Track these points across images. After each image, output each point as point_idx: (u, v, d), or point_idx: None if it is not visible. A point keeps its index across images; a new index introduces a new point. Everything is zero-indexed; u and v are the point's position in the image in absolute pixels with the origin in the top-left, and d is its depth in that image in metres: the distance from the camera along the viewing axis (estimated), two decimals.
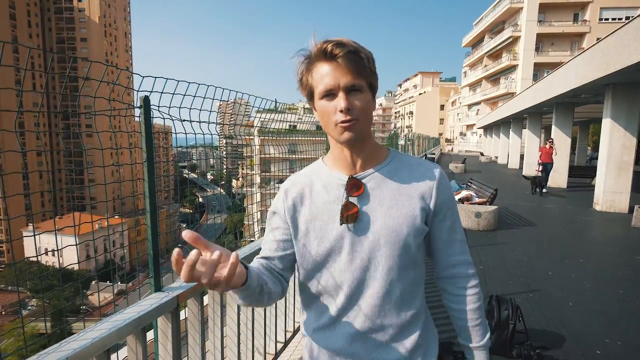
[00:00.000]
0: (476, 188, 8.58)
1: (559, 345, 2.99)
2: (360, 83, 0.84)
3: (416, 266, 0.94)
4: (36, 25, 74.26)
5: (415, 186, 0.93)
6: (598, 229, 7.38)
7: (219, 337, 1.55)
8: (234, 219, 18.33)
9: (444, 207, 0.95)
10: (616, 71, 7.49)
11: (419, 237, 0.92)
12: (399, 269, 0.90)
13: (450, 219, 0.96)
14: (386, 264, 0.89)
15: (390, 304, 0.91)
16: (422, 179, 0.93)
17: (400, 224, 0.89)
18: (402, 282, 0.91)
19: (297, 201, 0.96)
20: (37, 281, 28.00)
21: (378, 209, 0.90)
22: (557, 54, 34.26)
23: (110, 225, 1.26)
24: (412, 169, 0.95)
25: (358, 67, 0.84)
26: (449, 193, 0.96)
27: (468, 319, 0.98)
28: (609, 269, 4.95)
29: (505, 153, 24.82)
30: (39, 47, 10.38)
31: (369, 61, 0.86)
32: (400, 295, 0.91)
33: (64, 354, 0.96)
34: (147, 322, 1.19)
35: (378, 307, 0.90)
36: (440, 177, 0.95)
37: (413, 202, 0.91)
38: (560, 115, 13.36)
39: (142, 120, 1.22)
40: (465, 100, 51.26)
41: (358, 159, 0.92)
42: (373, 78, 0.88)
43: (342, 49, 0.82)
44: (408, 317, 0.93)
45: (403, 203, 0.91)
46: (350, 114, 0.84)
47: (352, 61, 0.83)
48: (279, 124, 2.62)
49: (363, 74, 0.85)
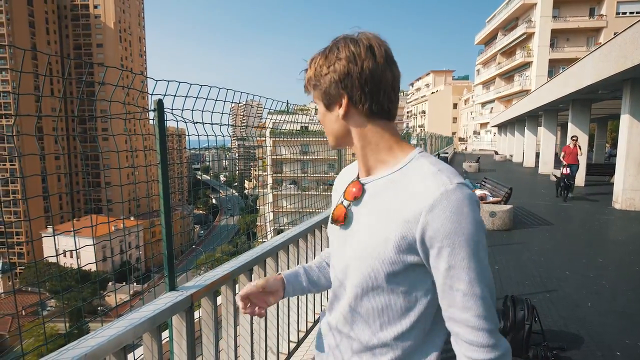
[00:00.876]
0: (490, 187, 8.46)
1: (577, 347, 2.93)
2: (316, 97, 0.87)
3: (392, 294, 0.80)
4: (54, 32, 76.30)
5: (404, 206, 0.76)
6: (617, 228, 7.18)
7: (232, 336, 1.57)
8: (246, 219, 18.49)
9: (437, 242, 0.72)
10: (634, 66, 7.29)
11: (391, 266, 0.77)
12: (365, 289, 0.82)
13: (448, 261, 0.72)
14: (354, 278, 0.83)
15: (359, 319, 0.85)
16: (415, 200, 0.74)
17: (373, 243, 0.79)
18: (370, 303, 0.82)
19: (336, 192, 1.03)
20: (56, 282, 28.74)
21: (364, 219, 0.84)
22: (572, 50, 33.50)
23: (125, 227, 1.29)
24: (414, 182, 0.77)
25: (308, 84, 0.87)
26: (448, 225, 0.71)
27: None
28: (628, 269, 4.82)
29: (521, 151, 24.39)
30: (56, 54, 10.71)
31: (314, 76, 0.85)
32: (368, 315, 0.83)
33: (82, 350, 0.99)
34: (162, 320, 1.21)
35: (347, 315, 0.88)
36: (440, 201, 0.71)
37: (393, 225, 0.76)
38: (576, 112, 13.07)
39: (156, 123, 1.24)
40: (478, 98, 50.56)
41: (366, 163, 0.88)
42: (321, 88, 0.84)
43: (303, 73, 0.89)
44: (381, 341, 0.83)
45: (385, 222, 0.78)
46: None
47: (305, 81, 0.88)
48: (291, 125, 2.63)
49: (314, 87, 0.86)
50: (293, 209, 2.82)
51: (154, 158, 1.32)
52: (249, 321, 1.72)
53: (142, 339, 1.21)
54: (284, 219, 3.16)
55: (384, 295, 0.80)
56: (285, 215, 3.32)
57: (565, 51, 33.96)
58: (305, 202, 3.08)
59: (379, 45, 0.81)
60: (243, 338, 1.70)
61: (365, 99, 0.80)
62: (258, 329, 1.81)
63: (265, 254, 1.84)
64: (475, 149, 46.82)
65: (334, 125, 0.86)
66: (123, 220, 1.33)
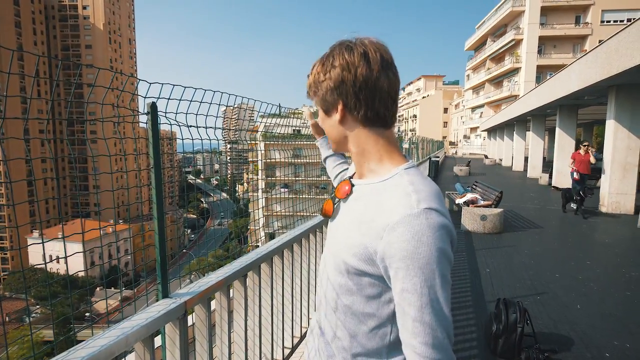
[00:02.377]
0: (481, 191, 8.54)
1: (568, 349, 2.96)
2: (317, 104, 0.89)
3: (356, 299, 0.81)
4: (41, 32, 75.10)
5: (372, 218, 0.76)
6: (604, 231, 7.31)
7: (226, 343, 1.54)
8: (238, 224, 18.35)
9: (394, 262, 0.71)
10: (619, 73, 7.46)
11: (355, 270, 0.79)
12: (336, 287, 0.84)
13: (402, 283, 0.70)
14: (330, 271, 0.88)
15: (334, 314, 0.86)
16: (382, 215, 0.74)
17: (344, 244, 0.81)
18: (342, 301, 0.83)
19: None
20: (41, 288, 28.10)
21: (344, 219, 0.87)
22: (559, 57, 34.22)
23: (115, 231, 1.26)
24: (387, 197, 0.77)
25: (310, 91, 0.89)
26: (407, 249, 0.69)
27: None
28: (616, 271, 4.90)
29: (510, 155, 24.74)
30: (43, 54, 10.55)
31: (317, 82, 0.85)
32: (342, 314, 0.84)
33: None
34: (154, 329, 1.19)
35: (324, 308, 0.91)
36: (401, 223, 0.70)
37: (360, 232, 0.77)
38: (564, 117, 13.32)
39: (150, 127, 1.22)
40: (468, 103, 51.20)
41: (360, 168, 0.90)
42: (319, 95, 0.86)
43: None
44: (348, 342, 0.84)
45: (351, 227, 0.81)
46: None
47: (308, 87, 0.90)
48: (283, 128, 2.62)
49: (312, 97, 0.89)
50: (286, 213, 2.80)
51: (143, 162, 1.30)
52: (243, 328, 1.70)
53: (133, 347, 1.18)
54: (276, 223, 3.14)
55: (350, 295, 0.82)
56: (278, 220, 3.30)
57: (552, 57, 34.67)
58: (298, 206, 3.06)
59: (375, 51, 0.80)
60: (237, 345, 1.68)
61: (360, 105, 0.81)
62: (252, 336, 1.79)
63: (259, 259, 1.82)
64: (466, 152, 47.34)
65: (332, 131, 0.88)
66: (115, 226, 1.30)
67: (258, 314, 1.80)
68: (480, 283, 4.36)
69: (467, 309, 3.67)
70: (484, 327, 3.15)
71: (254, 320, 1.80)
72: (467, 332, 3.29)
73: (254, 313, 1.79)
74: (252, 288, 1.82)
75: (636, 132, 8.71)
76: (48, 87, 66.66)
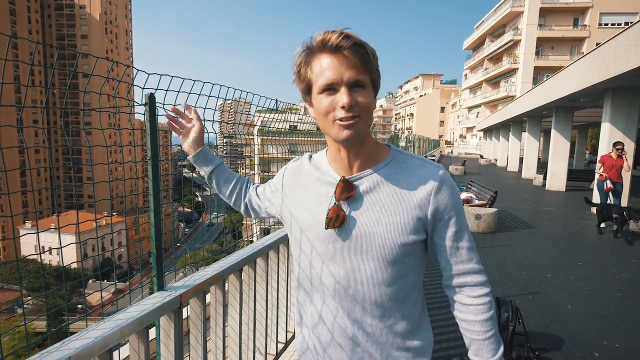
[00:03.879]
0: (476, 190, 8.59)
1: (558, 348, 2.99)
2: (365, 79, 0.80)
3: (407, 275, 0.89)
4: (36, 21, 74.10)
5: (413, 192, 0.85)
6: (596, 232, 7.38)
7: (220, 337, 1.54)
8: (232, 218, 18.29)
9: (446, 214, 0.87)
10: (616, 76, 7.51)
11: (409, 247, 0.86)
12: (385, 278, 0.86)
13: (455, 226, 0.88)
14: (371, 272, 0.85)
15: (373, 309, 0.88)
16: (421, 184, 0.86)
17: (390, 233, 0.84)
18: (389, 288, 0.87)
19: (293, 183, 1.00)
20: (33, 279, 27.91)
21: (368, 213, 0.85)
22: (557, 58, 34.36)
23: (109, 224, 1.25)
24: (412, 172, 0.88)
25: (364, 61, 0.79)
26: (452, 198, 0.88)
27: (478, 331, 0.90)
28: (607, 272, 4.96)
29: (505, 156, 24.87)
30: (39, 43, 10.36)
31: (374, 57, 0.81)
32: (385, 302, 0.87)
33: (66, 352, 0.95)
34: (149, 321, 1.18)
35: (362, 312, 0.88)
36: (442, 182, 0.87)
37: (408, 210, 0.85)
38: (560, 119, 13.40)
39: (147, 118, 1.21)
40: (465, 102, 51.34)
41: (355, 159, 0.87)
42: (377, 75, 0.84)
43: (348, 40, 0.77)
44: (393, 322, 0.89)
45: (396, 210, 0.85)
46: (352, 111, 0.79)
47: (359, 54, 0.78)
48: (280, 123, 2.61)
49: (368, 69, 0.80)
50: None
51: (138, 154, 1.29)
52: (237, 322, 1.70)
53: (127, 339, 1.18)
54: (271, 219, 3.14)
55: (400, 279, 0.88)
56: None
57: (550, 59, 34.81)
58: None
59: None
60: (231, 338, 1.68)
61: (377, 90, 0.88)
62: (247, 330, 1.79)
63: (255, 253, 1.82)
64: (461, 152, 47.54)
65: (372, 114, 0.88)
66: (111, 218, 1.29)
67: (253, 309, 1.80)
68: None
69: None
70: None
71: (249, 315, 1.80)
72: (459, 330, 3.29)
73: (248, 307, 1.79)
74: (248, 282, 1.82)
75: (631, 135, 8.79)
76: (42, 77, 65.81)
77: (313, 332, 0.95)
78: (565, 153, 13.30)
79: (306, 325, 0.98)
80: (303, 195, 0.96)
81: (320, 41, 0.79)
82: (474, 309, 0.90)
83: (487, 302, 0.91)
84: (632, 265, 5.26)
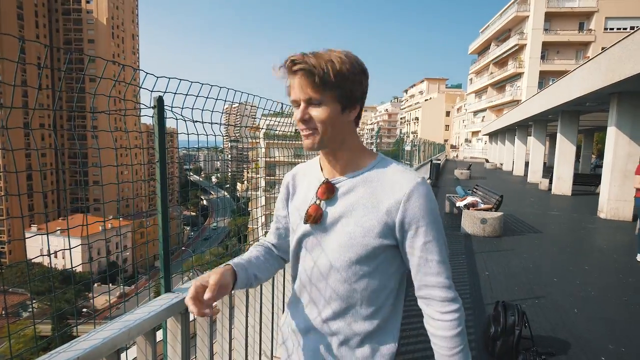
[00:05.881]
0: (482, 194, 8.55)
1: (565, 352, 2.96)
2: (317, 97, 0.86)
3: (374, 276, 0.93)
4: (44, 25, 75.06)
5: (385, 198, 0.90)
6: (603, 237, 7.31)
7: (227, 340, 1.55)
8: (237, 222, 18.36)
9: (414, 223, 0.89)
10: (621, 80, 7.47)
11: (375, 249, 0.90)
12: (349, 274, 0.92)
13: (425, 237, 0.89)
14: (337, 266, 0.92)
15: (338, 302, 0.94)
16: (393, 191, 0.90)
17: (355, 233, 0.90)
18: (353, 286, 0.93)
19: (292, 186, 1.08)
20: (39, 283, 28.06)
21: (341, 215, 0.92)
22: (562, 63, 34.23)
23: (114, 227, 1.26)
24: (387, 179, 0.92)
25: (313, 83, 0.85)
26: (423, 208, 0.89)
27: (445, 346, 0.91)
28: (613, 276, 4.91)
29: (511, 160, 24.75)
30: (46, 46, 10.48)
31: (330, 75, 0.85)
32: (349, 297, 0.93)
33: (74, 353, 0.96)
34: (157, 323, 1.19)
35: (326, 301, 0.95)
36: (414, 191, 0.89)
37: (377, 214, 0.89)
38: (565, 123, 13.32)
39: (156, 121, 1.22)
40: (470, 107, 51.21)
41: (336, 164, 0.95)
42: (341, 89, 0.87)
43: (298, 65, 0.85)
44: (356, 320, 0.95)
45: (364, 213, 0.90)
46: (306, 125, 0.88)
47: (307, 77, 0.86)
48: (285, 127, 2.62)
49: (321, 88, 0.86)
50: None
51: (144, 158, 1.31)
52: (244, 324, 1.70)
53: (135, 341, 1.18)
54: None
55: (366, 279, 0.92)
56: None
57: (555, 63, 34.68)
58: None
59: None
60: (237, 341, 1.68)
61: (348, 101, 0.94)
62: (252, 332, 1.79)
63: None
64: (467, 156, 47.34)
65: (337, 126, 0.93)
66: (120, 221, 1.30)
67: (259, 311, 1.81)
68: (479, 285, 4.37)
69: (466, 310, 3.63)
70: (482, 328, 3.15)
71: (255, 317, 1.80)
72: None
73: (254, 310, 1.79)
74: None
75: (637, 139, 8.72)
76: (50, 80, 66.60)
77: (293, 320, 1.06)
78: (571, 157, 13.20)
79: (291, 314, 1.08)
80: (298, 195, 1.05)
81: (284, 65, 0.89)
82: (442, 324, 0.92)
83: (455, 319, 0.91)
84: (639, 269, 5.20)
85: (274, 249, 1.15)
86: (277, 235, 1.14)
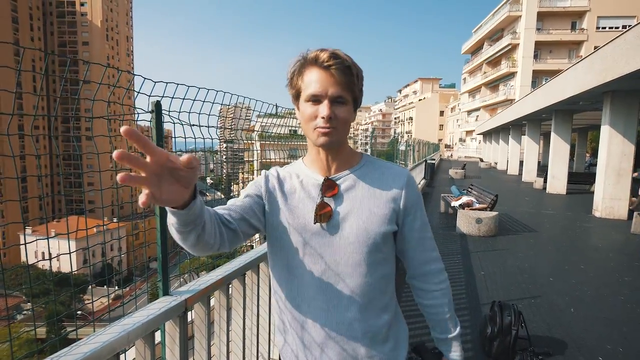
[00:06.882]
0: (477, 194, 8.60)
1: (561, 352, 2.99)
2: (347, 96, 0.90)
3: (386, 263, 0.99)
4: (38, 28, 74.56)
5: (386, 188, 0.98)
6: (598, 235, 7.38)
7: (224, 342, 1.55)
8: None
9: (413, 208, 1.00)
10: (614, 79, 7.55)
11: (388, 236, 0.97)
12: (368, 266, 0.94)
13: (421, 219, 1.02)
14: (356, 260, 0.93)
15: (360, 298, 0.94)
16: (393, 182, 0.99)
17: (370, 223, 0.94)
18: (372, 277, 0.95)
19: (276, 187, 1.00)
20: (34, 285, 27.79)
21: (350, 208, 0.95)
22: (555, 62, 34.54)
23: (109, 230, 1.26)
24: (384, 172, 1.00)
25: (348, 80, 0.89)
26: (417, 195, 1.02)
27: (443, 312, 1.03)
28: (609, 275, 4.95)
29: (505, 159, 24.90)
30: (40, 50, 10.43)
31: (358, 78, 0.92)
32: (369, 290, 0.95)
33: (75, 357, 0.96)
34: (155, 326, 1.19)
35: (348, 301, 0.94)
36: (409, 180, 1.00)
37: (383, 203, 0.96)
38: (559, 122, 13.43)
39: (154, 125, 1.23)
40: (464, 106, 51.49)
41: (333, 162, 0.97)
42: (358, 94, 0.94)
43: (336, 60, 0.87)
44: (378, 313, 0.97)
45: (374, 203, 0.96)
46: (330, 122, 0.89)
47: (344, 74, 0.88)
48: (280, 128, 2.63)
49: (351, 88, 0.90)
50: None
51: None
52: (241, 327, 1.70)
53: (134, 344, 1.18)
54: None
55: (381, 267, 0.97)
56: None
57: (548, 63, 34.98)
58: None
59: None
60: (235, 344, 1.68)
61: (357, 105, 0.99)
62: (250, 335, 1.79)
63: (257, 258, 1.83)
64: (461, 156, 47.58)
65: (349, 126, 0.97)
66: (118, 224, 1.30)
67: (256, 313, 1.81)
68: (475, 285, 4.39)
69: (462, 310, 3.69)
70: (479, 329, 3.17)
71: (252, 320, 1.81)
72: (462, 334, 3.30)
73: (252, 312, 1.80)
74: (251, 287, 1.83)
75: (630, 137, 8.81)
76: (44, 83, 66.04)
77: (300, 342, 0.99)
78: (565, 156, 13.32)
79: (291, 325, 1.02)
80: (291, 195, 0.98)
81: (314, 57, 0.89)
82: (439, 293, 1.04)
83: (448, 286, 1.06)
84: (635, 268, 5.25)
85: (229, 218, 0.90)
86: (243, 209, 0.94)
